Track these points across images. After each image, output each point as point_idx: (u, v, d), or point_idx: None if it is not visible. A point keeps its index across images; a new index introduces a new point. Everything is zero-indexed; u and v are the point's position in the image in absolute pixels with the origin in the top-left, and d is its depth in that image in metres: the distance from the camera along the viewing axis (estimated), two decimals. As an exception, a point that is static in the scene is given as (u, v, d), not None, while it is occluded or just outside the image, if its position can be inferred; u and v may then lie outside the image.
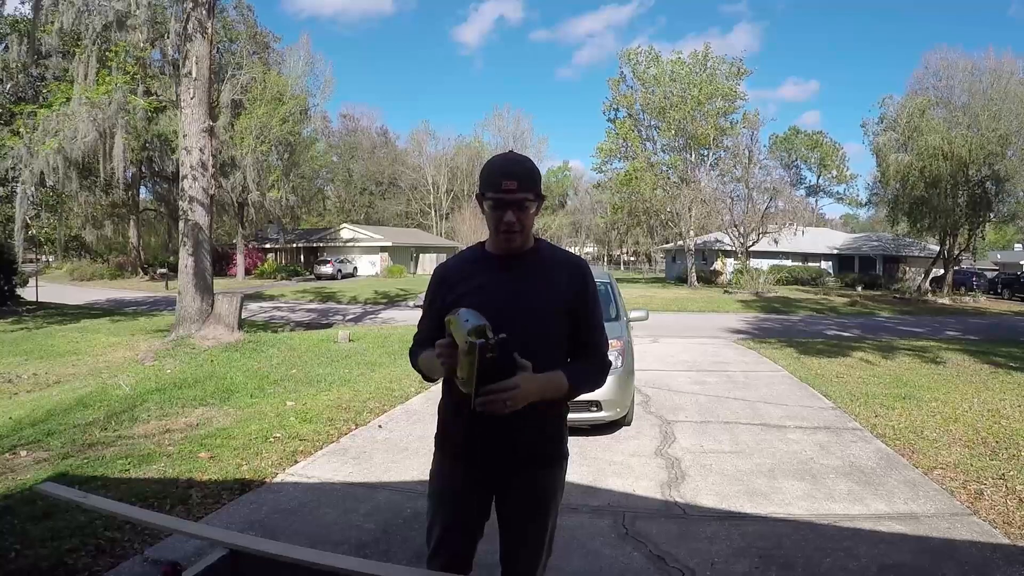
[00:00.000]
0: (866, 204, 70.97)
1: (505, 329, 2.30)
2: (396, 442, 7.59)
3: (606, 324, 7.95)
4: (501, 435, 2.54)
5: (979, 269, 49.29)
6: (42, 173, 16.52)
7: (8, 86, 21.84)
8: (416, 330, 2.88)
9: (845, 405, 9.49)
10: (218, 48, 28.79)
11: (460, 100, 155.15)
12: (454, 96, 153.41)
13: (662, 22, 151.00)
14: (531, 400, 2.37)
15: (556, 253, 2.77)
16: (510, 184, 2.46)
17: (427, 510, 2.84)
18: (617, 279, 11.26)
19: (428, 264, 65.75)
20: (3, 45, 21.10)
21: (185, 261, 15.22)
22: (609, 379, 7.59)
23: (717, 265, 51.80)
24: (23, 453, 6.88)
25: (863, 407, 9.32)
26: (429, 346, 2.58)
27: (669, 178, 48.08)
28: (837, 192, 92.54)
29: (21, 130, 16.79)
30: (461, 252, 2.85)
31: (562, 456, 2.79)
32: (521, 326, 2.45)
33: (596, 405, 7.54)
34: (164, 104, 20.18)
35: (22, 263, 30.17)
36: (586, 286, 2.72)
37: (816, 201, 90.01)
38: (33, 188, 17.28)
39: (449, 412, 2.74)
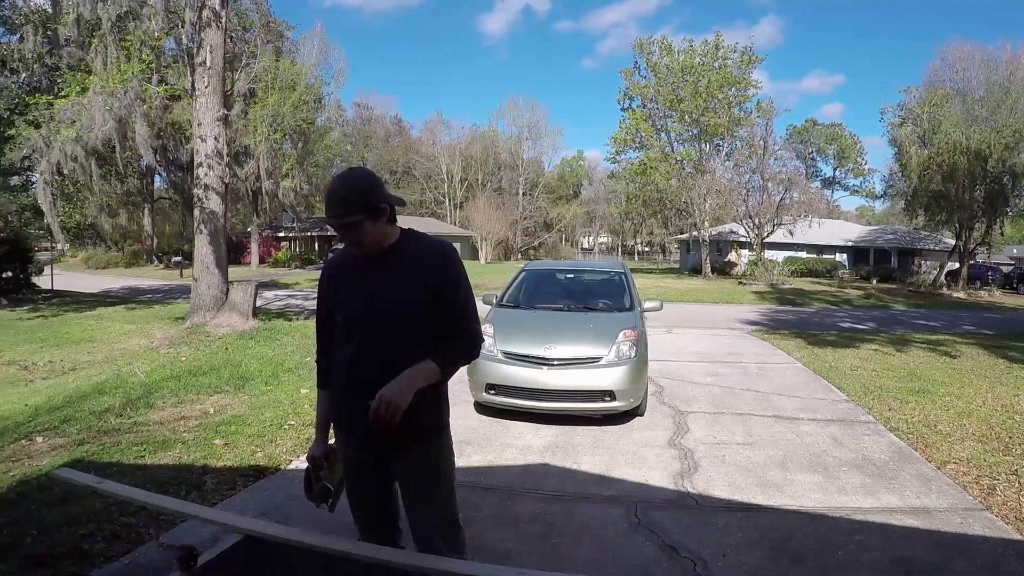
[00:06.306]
0: (882, 196, 70.61)
1: (372, 319, 2.85)
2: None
3: (621, 314, 7.98)
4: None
5: (995, 263, 48.90)
6: (58, 163, 16.57)
7: (23, 76, 21.95)
8: (316, 329, 3.22)
9: (859, 398, 9.46)
10: (231, 37, 28.81)
11: (478, 89, 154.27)
12: (472, 85, 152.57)
13: (687, 13, 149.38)
14: (408, 396, 2.67)
15: (422, 242, 3.02)
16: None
17: None
18: (631, 269, 11.23)
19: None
20: (18, 36, 21.15)
21: (200, 249, 15.26)
22: (623, 369, 7.63)
23: (732, 256, 51.62)
24: (39, 440, 6.93)
25: (877, 400, 9.30)
26: (328, 353, 3.11)
27: (683, 168, 47.86)
28: (853, 185, 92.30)
29: (40, 121, 16.87)
30: (345, 248, 3.09)
31: (440, 428, 3.07)
32: (386, 315, 2.85)
33: (609, 395, 7.57)
34: (179, 92, 20.19)
35: (37, 251, 30.34)
36: (449, 269, 2.97)
37: (832, 193, 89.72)
38: (50, 176, 17.33)
39: (339, 391, 3.01)
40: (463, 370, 2.99)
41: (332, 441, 3.15)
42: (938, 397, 9.52)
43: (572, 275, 11.13)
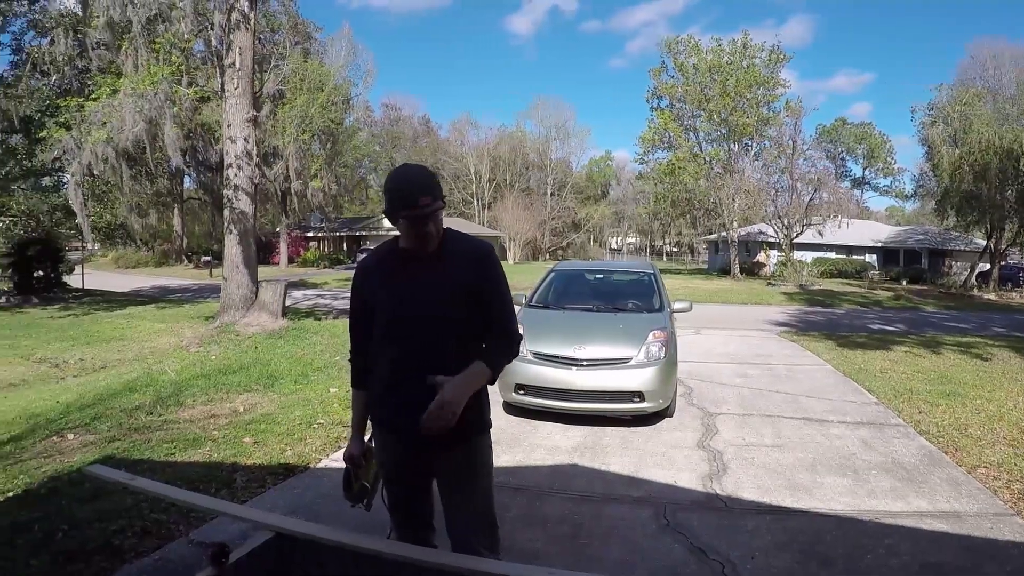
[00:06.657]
0: (912, 196, 69.84)
1: (412, 318, 2.83)
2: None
3: (650, 315, 7.96)
4: (421, 414, 2.66)
5: (1026, 264, 48.22)
6: (89, 164, 16.78)
7: (54, 79, 22.24)
8: (350, 328, 3.17)
9: (889, 401, 9.36)
10: (260, 39, 29.03)
11: (506, 89, 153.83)
12: (500, 85, 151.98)
13: (716, 12, 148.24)
14: (465, 399, 2.71)
15: (461, 242, 2.99)
16: (426, 199, 2.70)
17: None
18: (660, 270, 11.19)
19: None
20: (49, 39, 21.43)
21: (229, 249, 15.40)
22: (652, 370, 7.60)
23: (760, 257, 51.28)
24: (70, 436, 7.02)
25: (907, 403, 9.18)
26: (362, 352, 3.08)
27: (712, 168, 47.64)
28: (883, 185, 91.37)
29: (71, 123, 17.10)
30: (379, 247, 3.13)
31: (483, 426, 3.09)
32: (426, 315, 2.83)
33: (639, 396, 7.55)
34: (208, 94, 20.39)
35: (68, 251, 30.71)
36: (488, 269, 2.96)
37: (861, 193, 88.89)
38: (81, 177, 17.56)
39: (380, 389, 2.98)
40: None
41: (367, 438, 3.16)
42: (969, 400, 9.39)
43: (601, 275, 11.11)
